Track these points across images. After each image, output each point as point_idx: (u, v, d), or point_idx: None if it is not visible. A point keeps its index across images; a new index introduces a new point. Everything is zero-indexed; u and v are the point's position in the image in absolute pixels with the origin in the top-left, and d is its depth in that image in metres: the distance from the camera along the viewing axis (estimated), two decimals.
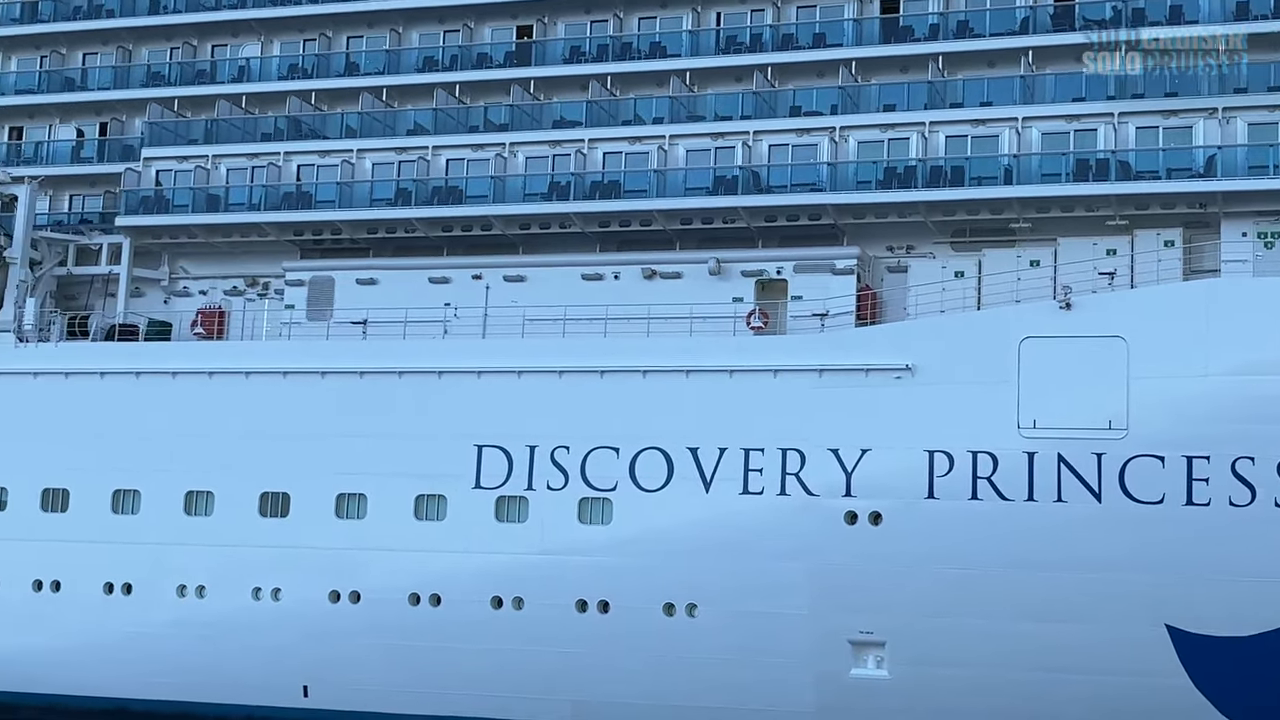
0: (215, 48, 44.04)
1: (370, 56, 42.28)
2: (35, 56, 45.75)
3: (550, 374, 35.22)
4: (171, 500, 37.29)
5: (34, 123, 45.34)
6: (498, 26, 41.49)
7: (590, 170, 37.50)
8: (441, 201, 38.48)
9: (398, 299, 37.98)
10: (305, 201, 39.70)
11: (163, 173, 41.16)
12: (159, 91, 43.22)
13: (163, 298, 42.00)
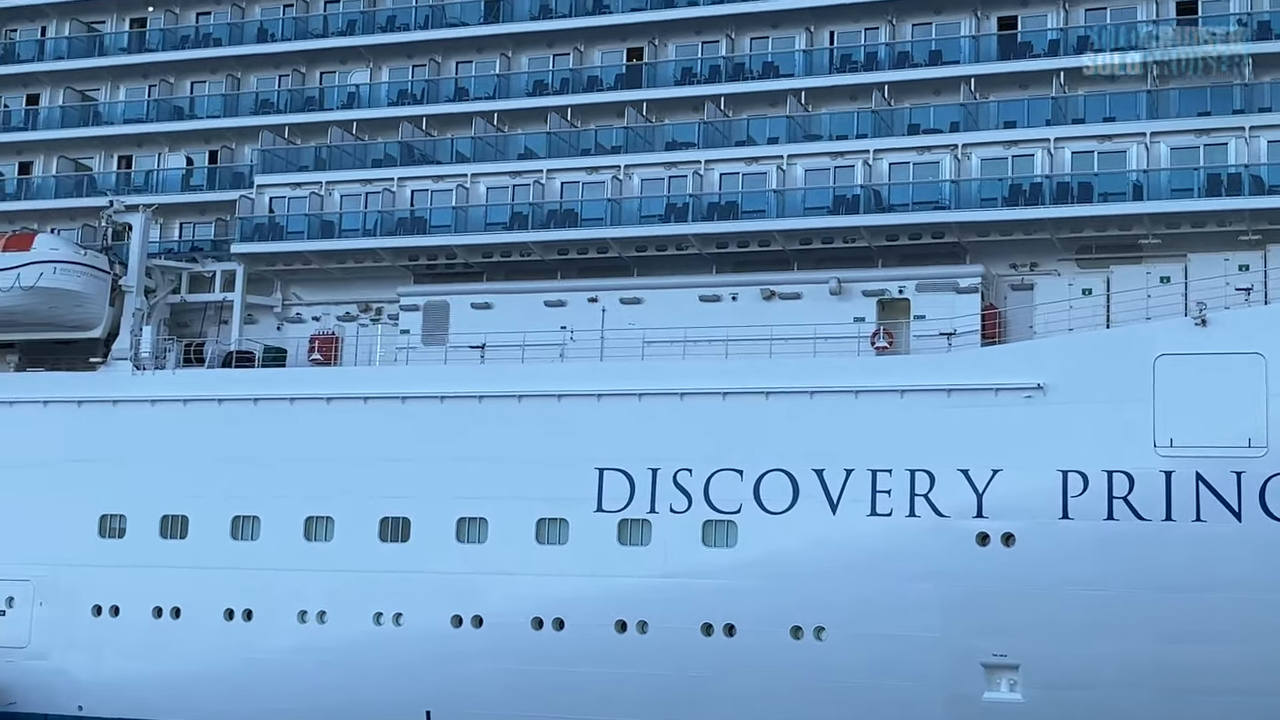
0: (324, 74, 45.03)
1: (480, 81, 43.11)
2: (144, 85, 46.95)
3: (671, 396, 35.71)
4: (291, 526, 38.03)
5: (143, 151, 46.49)
6: (608, 49, 42.17)
7: (707, 191, 38.03)
8: (557, 225, 39.12)
9: (513, 323, 38.65)
10: (420, 226, 40.47)
11: (276, 199, 42.09)
12: (269, 119, 44.19)
13: (276, 324, 42.89)
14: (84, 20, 47.85)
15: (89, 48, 47.57)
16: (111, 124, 46.76)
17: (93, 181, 46.48)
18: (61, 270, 40.92)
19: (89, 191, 46.10)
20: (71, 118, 47.14)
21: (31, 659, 39.75)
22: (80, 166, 46.98)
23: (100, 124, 46.86)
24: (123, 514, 39.77)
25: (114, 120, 46.86)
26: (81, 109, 47.19)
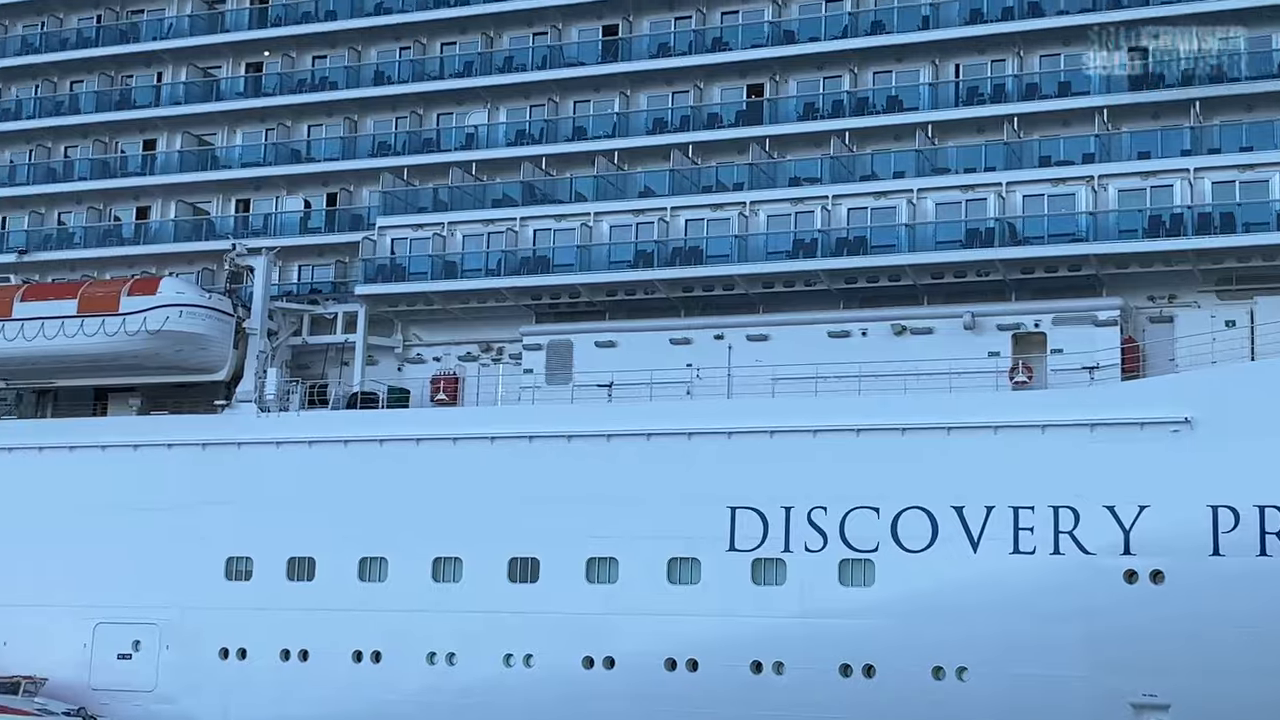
0: (441, 115, 45.75)
1: (598, 120, 43.63)
2: (261, 129, 47.88)
3: (804, 433, 35.83)
4: (419, 567, 38.42)
5: (260, 195, 47.37)
6: (728, 86, 42.59)
7: (835, 226, 38.20)
8: (683, 262, 39.43)
9: (638, 361, 38.92)
10: (543, 266, 40.92)
11: (398, 241, 42.70)
12: (387, 161, 44.91)
13: (396, 365, 43.45)
14: (200, 65, 48.94)
15: (206, 93, 48.64)
16: (229, 168, 47.76)
17: (211, 225, 47.40)
18: (187, 314, 41.69)
19: (207, 235, 47.01)
20: (189, 162, 48.15)
21: (159, 703, 40.42)
22: (198, 211, 47.91)
23: (218, 168, 47.89)
24: (249, 556, 40.34)
25: (231, 164, 47.85)
26: (199, 153, 48.20)
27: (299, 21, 47.77)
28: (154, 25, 49.88)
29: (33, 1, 51.31)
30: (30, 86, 51.13)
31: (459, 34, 45.86)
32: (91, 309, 42.12)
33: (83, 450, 42.79)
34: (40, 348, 42.45)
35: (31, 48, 51.31)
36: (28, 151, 50.44)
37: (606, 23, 44.26)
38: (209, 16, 49.09)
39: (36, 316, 42.56)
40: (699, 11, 43.02)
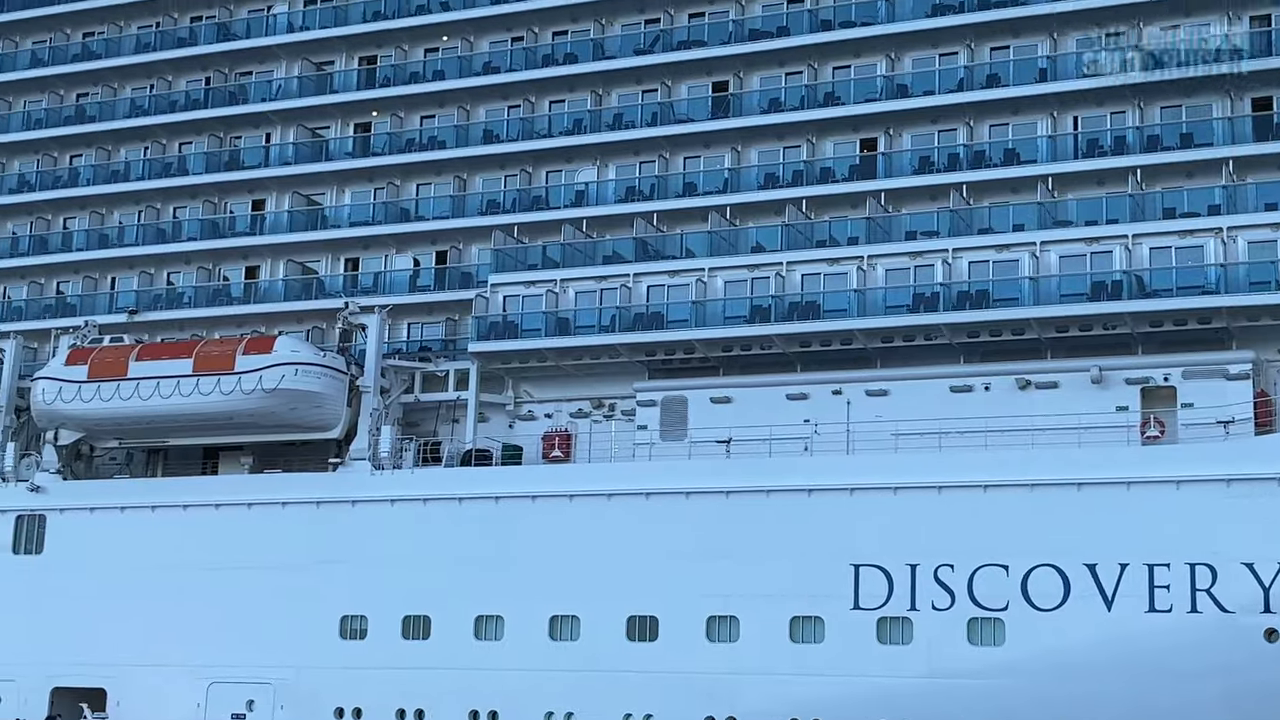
0: (550, 173, 46.14)
1: (709, 176, 43.90)
2: (369, 189, 48.46)
3: (928, 490, 35.64)
4: (535, 625, 38.50)
5: (369, 253, 47.95)
6: (840, 140, 42.75)
7: (955, 280, 38.15)
8: (800, 317, 39.44)
9: (754, 417, 38.99)
10: (657, 322, 41.09)
11: (510, 298, 43.01)
12: (497, 219, 45.34)
13: (508, 422, 43.66)
14: (309, 126, 49.67)
15: (314, 153, 49.35)
16: (338, 227, 48.40)
17: (320, 284, 47.99)
18: (303, 372, 42.16)
19: (316, 294, 47.58)
20: (298, 221, 48.90)
21: None
22: (307, 270, 48.52)
23: (326, 227, 48.56)
24: (364, 615, 40.57)
25: (340, 223, 48.50)
26: (308, 213, 48.90)
27: (407, 82, 48.52)
28: (262, 87, 50.80)
29: (142, 65, 52.37)
30: (139, 148, 52.13)
31: (567, 92, 46.36)
32: (207, 368, 42.69)
33: (196, 509, 43.28)
34: (156, 407, 43.04)
35: (141, 110, 52.38)
36: (137, 213, 51.42)
37: (716, 79, 44.60)
38: (317, 78, 49.88)
39: (152, 376, 43.18)
40: (810, 67, 43.27)
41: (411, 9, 49.03)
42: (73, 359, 44.95)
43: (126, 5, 53.07)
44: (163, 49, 52.25)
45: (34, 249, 52.38)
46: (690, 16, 45.42)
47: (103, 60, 53.07)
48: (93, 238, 51.66)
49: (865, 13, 43.01)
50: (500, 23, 47.50)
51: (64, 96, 53.77)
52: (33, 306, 51.62)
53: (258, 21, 51.54)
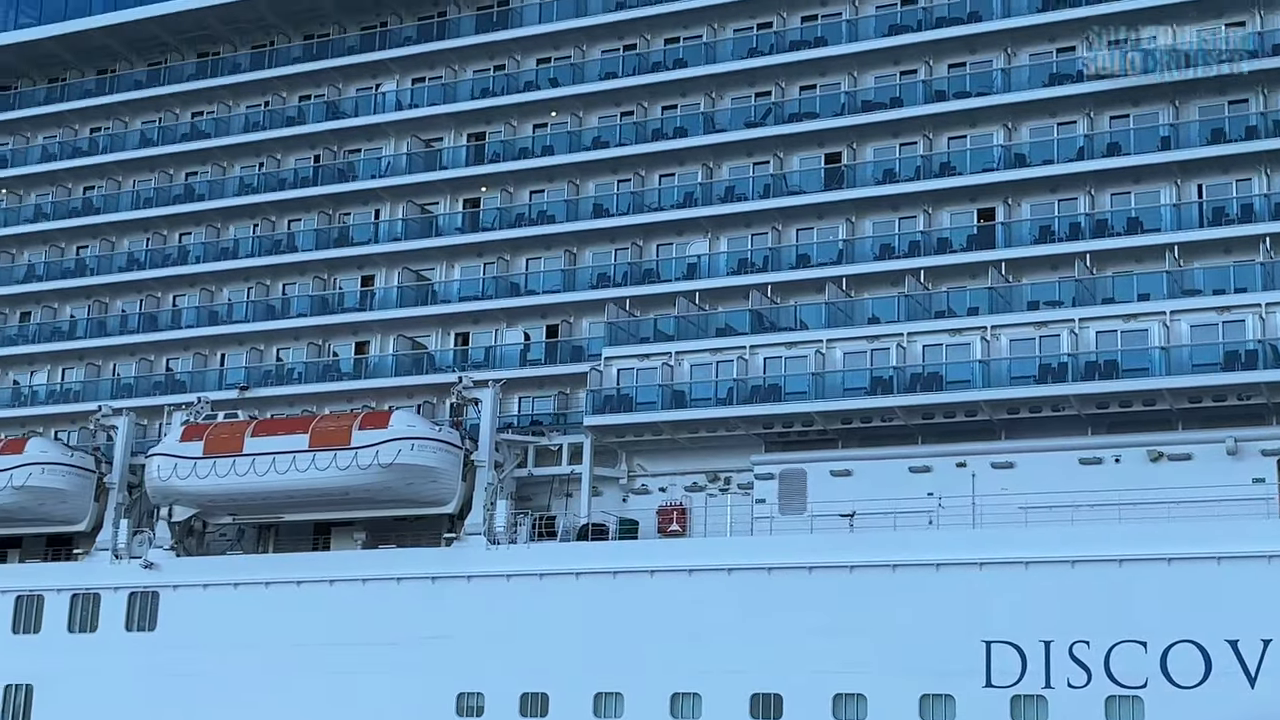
0: (660, 246, 46.24)
1: (823, 247, 43.85)
2: (479, 264, 48.77)
3: (1061, 564, 35.09)
4: (656, 703, 38.16)
5: (479, 328, 48.17)
6: (957, 210, 42.59)
7: (1083, 350, 37.71)
8: (923, 388, 39.13)
9: (875, 490, 38.61)
10: (774, 394, 40.88)
11: (624, 371, 42.98)
12: (609, 292, 45.45)
13: (621, 496, 43.56)
14: (418, 202, 50.11)
15: (423, 229, 49.72)
16: (448, 302, 48.62)
17: (430, 359, 48.19)
18: (419, 447, 42.28)
19: (427, 369, 47.80)
20: (408, 297, 49.16)
21: None
22: (417, 345, 48.77)
23: (436, 302, 48.76)
24: (480, 691, 40.40)
25: (450, 298, 48.72)
26: (417, 288, 49.17)
27: (516, 157, 48.94)
28: (371, 163, 51.43)
29: (251, 144, 53.16)
30: (249, 226, 52.79)
31: (677, 165, 46.57)
32: (323, 443, 42.93)
33: (310, 585, 43.34)
34: (273, 483, 43.29)
35: (250, 188, 53.11)
36: (246, 289, 51.97)
37: (829, 150, 44.66)
38: (426, 154, 50.39)
39: (269, 452, 43.46)
40: (925, 137, 43.24)
41: (520, 85, 49.55)
42: (187, 435, 45.36)
43: (235, 85, 53.99)
44: (272, 128, 53.04)
45: (144, 326, 53.06)
46: (801, 89, 45.62)
47: (212, 139, 53.91)
48: (202, 314, 52.28)
49: (980, 83, 43.00)
50: (609, 98, 47.87)
51: (173, 175, 54.65)
52: (143, 383, 52.26)
53: (366, 100, 52.25)
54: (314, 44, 53.49)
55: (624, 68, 48.07)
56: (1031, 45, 42.77)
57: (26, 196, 57.26)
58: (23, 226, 56.41)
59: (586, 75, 48.64)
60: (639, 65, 47.65)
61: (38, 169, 56.80)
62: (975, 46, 43.37)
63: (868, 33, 44.86)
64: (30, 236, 56.29)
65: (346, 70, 52.28)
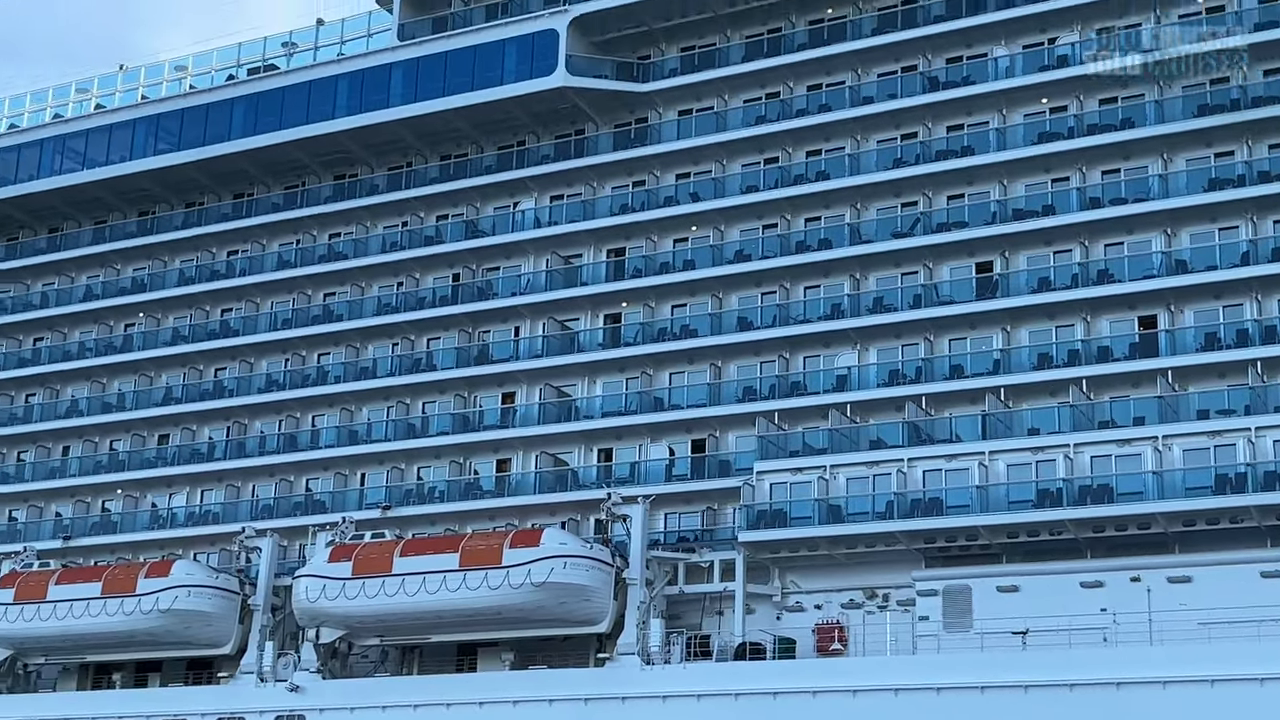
0: (807, 358, 45.91)
1: (977, 358, 43.33)
2: (621, 378, 48.68)
3: (1249, 682, 33.99)
4: None
5: (623, 443, 47.94)
6: (1117, 318, 42.00)
7: (1260, 460, 36.77)
8: (1093, 500, 38.27)
9: (1044, 606, 37.71)
10: (936, 508, 40.17)
11: (777, 486, 42.47)
12: (756, 406, 45.12)
13: (775, 613, 42.85)
14: (558, 318, 50.24)
15: (564, 345, 49.79)
16: (590, 418, 48.48)
17: (574, 476, 48.00)
18: (571, 565, 41.96)
19: (571, 486, 47.59)
20: (549, 413, 49.08)
21: None
22: (559, 461, 48.59)
23: (578, 418, 48.65)
24: None
25: (592, 414, 48.59)
26: (559, 404, 49.11)
27: (657, 272, 49.01)
28: (510, 281, 51.73)
29: (389, 264, 53.69)
30: (387, 345, 53.13)
31: (822, 277, 46.37)
32: (474, 563, 42.72)
33: (459, 707, 42.90)
34: (423, 603, 43.10)
35: (388, 308, 53.55)
36: (386, 408, 52.23)
37: (980, 259, 44.29)
38: (566, 271, 50.57)
39: (418, 572, 43.31)
40: (1081, 245, 42.80)
41: (660, 200, 49.76)
42: (335, 556, 45.35)
43: (373, 206, 54.69)
44: (410, 247, 53.55)
45: (283, 447, 53.43)
46: (949, 198, 45.38)
47: (350, 260, 54.54)
48: (342, 434, 52.56)
49: (1136, 189, 42.58)
50: (752, 211, 47.92)
51: (311, 296, 55.28)
52: (283, 504, 52.48)
53: (504, 218, 52.69)
54: (451, 164, 54.14)
55: (765, 181, 48.13)
56: (1188, 150, 42.30)
57: (164, 320, 58.19)
58: (161, 350, 57.26)
59: (727, 189, 48.74)
60: (781, 178, 47.68)
61: (175, 292, 57.74)
62: (1130, 153, 42.96)
63: (1016, 141, 44.63)
64: (169, 359, 57.11)
65: (484, 189, 52.83)
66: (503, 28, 51.90)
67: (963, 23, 45.82)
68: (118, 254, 59.57)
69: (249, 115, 56.02)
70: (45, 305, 60.88)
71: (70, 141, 60.28)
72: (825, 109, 47.69)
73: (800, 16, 49.21)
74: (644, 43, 51.53)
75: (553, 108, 51.49)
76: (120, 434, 57.29)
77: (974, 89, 45.30)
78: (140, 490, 55.90)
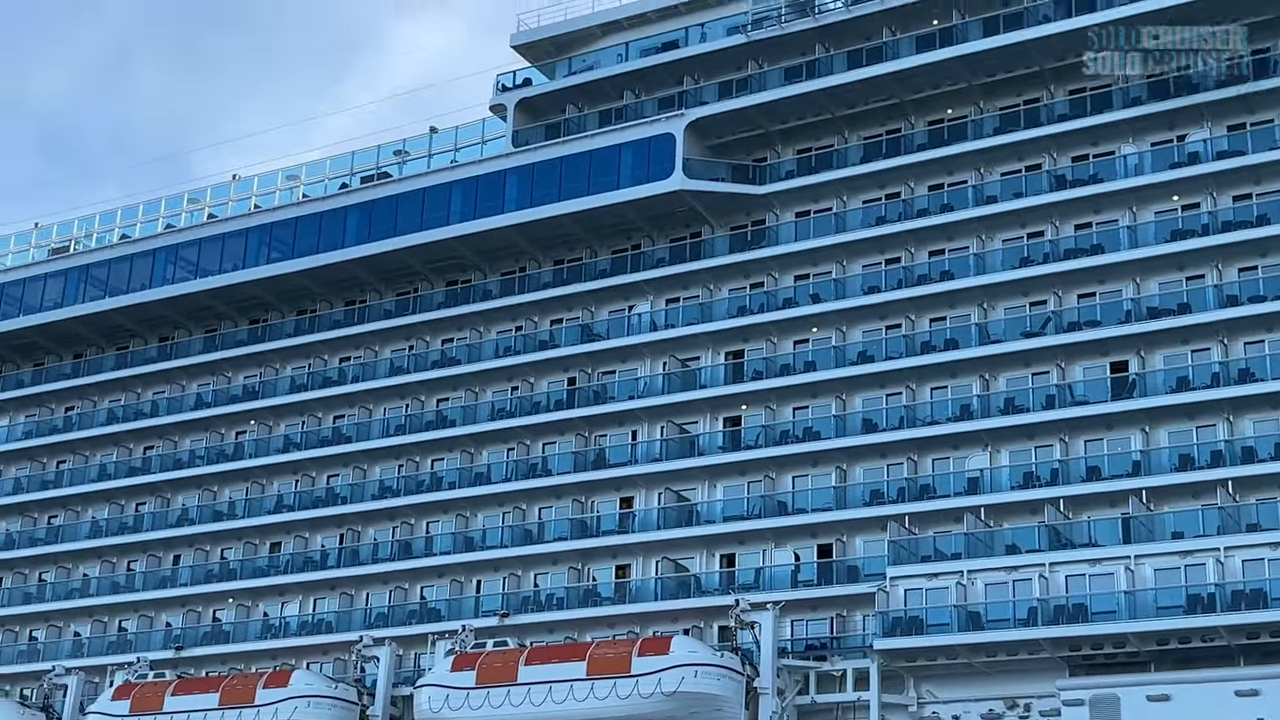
0: (936, 460, 45.20)
1: (1115, 460, 42.45)
2: (742, 482, 48.11)
3: None
4: None
5: (745, 548, 47.31)
6: (1260, 418, 41.11)
7: None
8: (1247, 606, 37.14)
9: (1196, 715, 36.64)
10: (1080, 614, 39.12)
11: (911, 592, 41.58)
12: (884, 509, 44.45)
13: None
14: (676, 422, 49.90)
15: (683, 448, 49.40)
16: (711, 522, 47.91)
17: (696, 582, 47.30)
18: (702, 673, 41.16)
19: (694, 592, 46.89)
20: (669, 518, 48.54)
21: None
22: (679, 567, 47.91)
23: (699, 523, 48.07)
24: None
25: (714, 518, 48.01)
26: (678, 509, 48.53)
27: (778, 374, 48.60)
28: (627, 385, 51.42)
29: (503, 368, 53.59)
30: (502, 450, 52.90)
31: (949, 378, 45.75)
32: (602, 671, 42.03)
33: None
34: (549, 713, 42.35)
35: (503, 413, 53.35)
36: (501, 514, 51.89)
37: (1114, 359, 43.54)
38: (683, 374, 50.24)
39: (545, 681, 42.60)
40: (1220, 343, 41.99)
41: (779, 302, 49.49)
42: (457, 665, 44.77)
43: (487, 311, 54.73)
44: (525, 352, 53.50)
45: (398, 554, 53.12)
46: (1080, 297, 44.73)
47: (463, 366, 54.51)
48: (458, 540, 52.20)
49: (1276, 287, 41.70)
50: (874, 311, 47.55)
51: (424, 403, 55.20)
52: (397, 612, 52.11)
53: (619, 321, 52.52)
54: (565, 268, 54.16)
55: (888, 281, 47.78)
56: None
57: (276, 427, 58.35)
58: (273, 457, 57.37)
59: (848, 290, 48.39)
60: (904, 278, 47.29)
61: (287, 399, 57.98)
62: (1267, 249, 42.27)
63: (1148, 239, 44.03)
64: (280, 467, 57.18)
65: (599, 293, 52.81)
66: (618, 133, 52.09)
67: (1089, 121, 45.49)
68: (228, 362, 59.95)
69: (363, 222, 56.39)
70: (156, 414, 61.16)
71: (183, 251, 60.92)
72: (948, 208, 47.34)
73: (919, 117, 49.04)
74: (759, 145, 51.53)
75: (669, 210, 51.48)
76: (232, 542, 57.32)
77: (1103, 187, 44.83)
78: (252, 599, 55.76)
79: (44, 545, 61.36)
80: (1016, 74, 47.29)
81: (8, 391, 65.12)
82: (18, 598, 61.17)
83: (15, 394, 64.81)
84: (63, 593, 60.07)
